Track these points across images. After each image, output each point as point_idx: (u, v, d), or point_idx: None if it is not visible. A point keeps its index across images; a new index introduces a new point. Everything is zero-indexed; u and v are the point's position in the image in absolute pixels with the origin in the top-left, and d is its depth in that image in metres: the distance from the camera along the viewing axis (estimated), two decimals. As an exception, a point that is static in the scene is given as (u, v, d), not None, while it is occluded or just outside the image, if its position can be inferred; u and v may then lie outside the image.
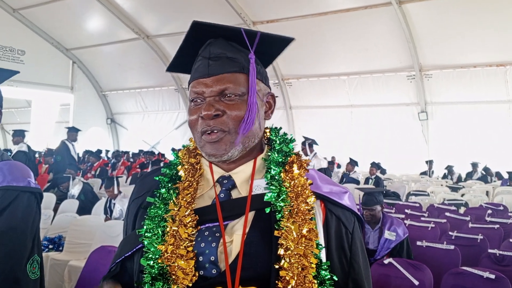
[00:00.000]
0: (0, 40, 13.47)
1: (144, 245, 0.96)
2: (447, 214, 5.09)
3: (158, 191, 1.00)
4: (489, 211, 5.17)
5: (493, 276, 2.74)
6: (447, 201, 6.49)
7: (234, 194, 1.00)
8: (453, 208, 5.65)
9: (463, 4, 9.62)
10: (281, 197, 0.95)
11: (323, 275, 0.92)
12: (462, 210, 5.96)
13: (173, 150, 1.18)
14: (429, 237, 4.09)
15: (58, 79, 16.20)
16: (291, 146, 1.05)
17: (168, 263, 0.92)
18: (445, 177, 10.87)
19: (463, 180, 10.38)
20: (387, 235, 3.56)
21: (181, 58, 1.05)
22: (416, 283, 2.91)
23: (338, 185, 1.08)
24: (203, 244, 0.93)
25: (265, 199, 0.96)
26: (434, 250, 3.68)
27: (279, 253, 0.91)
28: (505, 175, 9.46)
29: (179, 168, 1.04)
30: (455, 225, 4.63)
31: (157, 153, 13.85)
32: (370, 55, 11.61)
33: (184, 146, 1.11)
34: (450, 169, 10.94)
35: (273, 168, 1.00)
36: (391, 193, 7.10)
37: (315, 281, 0.91)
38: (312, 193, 0.98)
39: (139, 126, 17.47)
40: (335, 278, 0.94)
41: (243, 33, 0.96)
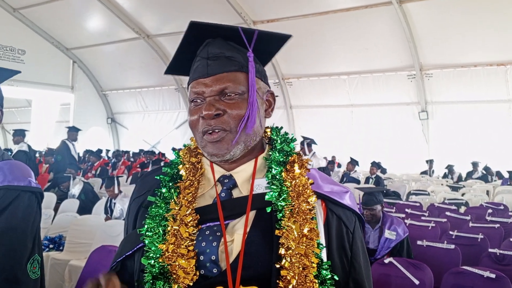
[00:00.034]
0: (0, 39, 13.45)
1: (145, 244, 0.96)
2: (448, 213, 5.09)
3: (159, 190, 1.00)
4: (490, 211, 5.16)
5: (493, 275, 2.74)
6: (448, 200, 6.49)
7: (235, 193, 1.00)
8: (453, 207, 5.64)
9: (463, 3, 9.61)
10: (282, 197, 0.95)
11: (324, 274, 0.92)
12: (462, 209, 5.95)
13: (173, 149, 1.18)
14: (430, 236, 4.09)
15: (58, 78, 16.19)
16: (292, 145, 1.05)
17: (169, 262, 0.92)
18: (445, 176, 10.86)
19: (464, 179, 10.37)
20: (387, 234, 3.56)
21: (179, 60, 1.05)
22: (416, 282, 2.90)
23: (339, 185, 1.08)
24: (204, 243, 0.93)
25: (266, 199, 0.96)
26: (434, 249, 3.68)
27: (280, 252, 0.91)
28: (506, 174, 9.46)
29: (180, 167, 1.04)
30: (455, 224, 4.63)
31: (158, 153, 13.86)
32: (370, 55, 11.60)
33: (185, 145, 1.11)
34: (450, 168, 10.93)
35: (274, 167, 0.99)
36: (392, 193, 7.09)
37: (316, 280, 0.91)
38: (313, 193, 0.98)
39: (139, 125, 17.46)
40: (336, 277, 0.94)
41: (240, 32, 0.96)
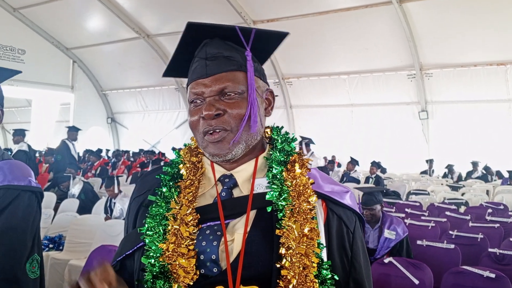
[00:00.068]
0: (0, 39, 13.45)
1: (145, 244, 0.96)
2: (447, 213, 5.09)
3: (159, 189, 1.00)
4: (489, 210, 5.16)
5: (493, 275, 2.74)
6: (447, 200, 6.48)
7: (235, 193, 1.00)
8: (453, 207, 5.64)
9: (463, 3, 9.61)
10: (283, 196, 0.95)
11: (324, 274, 0.92)
12: (462, 209, 5.95)
13: (174, 149, 1.18)
14: (429, 236, 4.09)
15: (58, 78, 16.19)
16: (293, 145, 1.04)
17: (169, 261, 0.92)
18: (445, 176, 10.85)
19: (464, 179, 10.36)
20: (387, 234, 3.56)
21: (178, 61, 1.04)
22: (416, 282, 2.90)
23: (339, 185, 1.08)
24: (204, 242, 0.93)
25: (267, 198, 0.96)
26: (434, 249, 3.68)
27: (280, 252, 0.91)
28: (506, 174, 9.46)
29: (180, 166, 1.04)
30: (455, 224, 4.63)
31: (158, 152, 13.85)
32: (370, 54, 11.60)
33: (185, 144, 1.11)
34: (450, 168, 10.93)
35: (275, 167, 0.99)
36: (391, 192, 7.10)
37: (316, 280, 0.91)
38: (313, 192, 0.98)
39: (139, 125, 17.46)
40: (336, 277, 0.94)
41: (238, 31, 0.95)
